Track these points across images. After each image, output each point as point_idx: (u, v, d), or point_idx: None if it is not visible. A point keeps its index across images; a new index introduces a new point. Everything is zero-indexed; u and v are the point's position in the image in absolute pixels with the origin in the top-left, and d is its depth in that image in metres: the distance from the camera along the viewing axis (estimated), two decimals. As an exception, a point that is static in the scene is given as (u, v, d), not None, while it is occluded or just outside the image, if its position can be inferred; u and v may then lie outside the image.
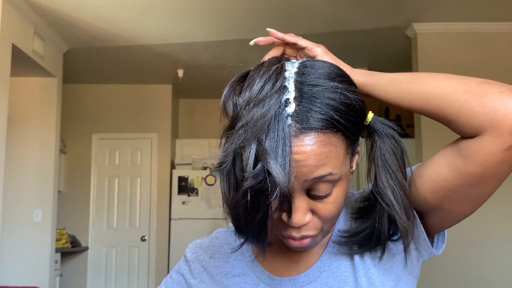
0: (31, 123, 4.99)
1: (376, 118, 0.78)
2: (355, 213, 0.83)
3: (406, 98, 0.75)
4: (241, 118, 0.68)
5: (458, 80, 0.72)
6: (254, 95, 0.69)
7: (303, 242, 0.76)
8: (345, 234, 0.82)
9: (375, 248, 0.81)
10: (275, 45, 0.87)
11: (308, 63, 0.74)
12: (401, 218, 0.74)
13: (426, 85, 0.74)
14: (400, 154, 0.76)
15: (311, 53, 0.83)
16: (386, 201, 0.75)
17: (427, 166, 0.77)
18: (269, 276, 0.85)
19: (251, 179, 0.66)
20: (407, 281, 0.82)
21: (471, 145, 0.70)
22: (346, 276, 0.81)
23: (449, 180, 0.73)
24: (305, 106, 0.68)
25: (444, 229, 0.81)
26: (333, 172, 0.70)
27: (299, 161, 0.68)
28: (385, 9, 4.37)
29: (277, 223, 0.75)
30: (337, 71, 0.74)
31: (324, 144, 0.68)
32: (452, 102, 0.70)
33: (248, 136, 0.67)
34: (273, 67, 0.71)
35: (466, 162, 0.70)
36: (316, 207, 0.73)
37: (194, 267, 0.93)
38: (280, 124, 0.67)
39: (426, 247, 0.81)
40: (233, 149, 0.68)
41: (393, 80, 0.77)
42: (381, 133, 0.77)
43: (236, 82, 0.75)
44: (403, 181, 0.75)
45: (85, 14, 4.46)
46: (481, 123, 0.67)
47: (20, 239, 4.89)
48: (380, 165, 0.76)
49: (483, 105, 0.67)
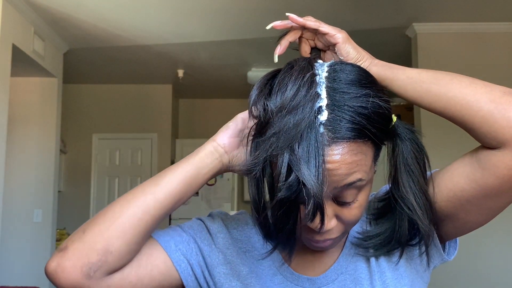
0: (31, 123, 4.99)
1: (400, 122, 0.77)
2: (372, 214, 0.83)
3: (426, 99, 0.74)
4: (273, 125, 0.67)
5: (482, 88, 0.70)
6: (287, 102, 0.67)
7: (325, 244, 0.76)
8: (362, 235, 0.81)
9: (391, 252, 0.80)
10: (293, 29, 0.84)
11: (337, 68, 0.72)
12: (423, 223, 0.74)
13: (448, 88, 0.72)
14: (422, 159, 0.75)
15: (333, 40, 0.80)
16: (408, 205, 0.74)
17: (444, 175, 0.76)
18: (288, 269, 0.84)
19: (285, 190, 0.65)
20: (420, 286, 0.82)
21: (491, 157, 0.69)
22: (362, 278, 0.81)
23: (466, 191, 0.72)
24: (338, 114, 0.67)
25: (457, 236, 0.81)
26: (362, 178, 0.70)
27: (331, 170, 0.67)
28: (385, 9, 4.36)
29: (304, 227, 0.74)
30: (367, 77, 0.72)
31: (356, 153, 0.68)
32: (474, 111, 0.69)
33: (280, 145, 0.65)
34: (306, 74, 0.69)
35: (485, 175, 0.70)
36: (341, 212, 0.73)
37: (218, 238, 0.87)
38: (313, 133, 0.66)
39: (439, 253, 0.81)
40: (265, 157, 0.67)
41: (413, 78, 0.75)
42: (404, 137, 0.76)
43: (265, 85, 0.73)
44: (424, 186, 0.75)
45: (85, 14, 4.46)
46: (504, 137, 0.67)
47: (20, 239, 4.89)
48: (402, 169, 0.75)
49: (506, 119, 0.66)
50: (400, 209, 0.76)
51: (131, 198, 0.75)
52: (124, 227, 0.73)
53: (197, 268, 0.83)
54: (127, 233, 0.73)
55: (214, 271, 0.83)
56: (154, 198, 0.75)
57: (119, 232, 0.73)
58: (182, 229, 0.85)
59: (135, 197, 0.75)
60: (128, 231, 0.73)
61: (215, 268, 0.83)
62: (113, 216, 0.74)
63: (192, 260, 0.82)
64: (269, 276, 0.84)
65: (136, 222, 0.74)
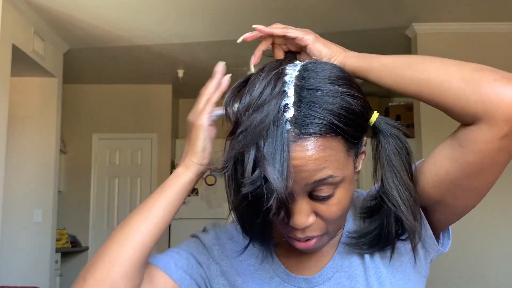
0: (31, 123, 4.99)
1: (382, 118, 0.77)
2: (364, 213, 0.83)
3: (400, 84, 0.75)
4: (241, 123, 0.69)
5: (453, 67, 0.71)
6: (253, 101, 0.69)
7: (308, 244, 0.76)
8: (354, 234, 0.82)
9: (385, 248, 0.80)
10: (263, 38, 0.85)
11: (309, 66, 0.73)
12: (408, 219, 0.74)
13: (420, 71, 0.73)
14: (405, 154, 0.76)
15: (302, 43, 0.81)
16: (393, 202, 0.75)
17: (428, 162, 0.77)
18: (284, 271, 0.85)
19: (249, 185, 0.67)
20: (416, 280, 0.83)
21: (469, 134, 0.70)
22: (357, 275, 0.81)
23: (450, 173, 0.73)
24: (304, 111, 0.68)
25: (450, 224, 0.81)
26: (334, 174, 0.70)
27: (298, 166, 0.68)
28: (385, 9, 4.37)
29: (283, 224, 0.75)
30: (338, 74, 0.73)
31: (324, 148, 0.68)
32: (446, 90, 0.70)
33: (247, 142, 0.67)
34: (273, 72, 0.71)
35: (465, 153, 0.71)
36: (319, 208, 0.73)
37: (213, 250, 0.89)
38: (279, 129, 0.67)
39: (433, 245, 0.81)
40: (234, 155, 0.69)
41: (387, 65, 0.76)
42: (386, 133, 0.76)
43: (237, 87, 0.76)
44: (408, 181, 0.75)
45: (85, 14, 4.46)
46: (476, 111, 0.68)
47: (20, 239, 4.89)
48: (386, 165, 0.76)
49: (477, 94, 0.67)
50: (386, 206, 0.76)
51: (124, 239, 0.77)
52: (126, 268, 0.75)
53: (200, 281, 0.85)
54: (129, 272, 0.75)
55: (213, 282, 0.86)
56: (148, 233, 0.77)
57: (122, 273, 0.75)
58: (179, 248, 0.88)
59: (130, 235, 0.77)
60: (129, 270, 0.75)
61: (214, 279, 0.86)
62: (110, 261, 0.75)
63: (195, 274, 0.85)
64: (266, 280, 0.85)
65: (135, 261, 0.76)
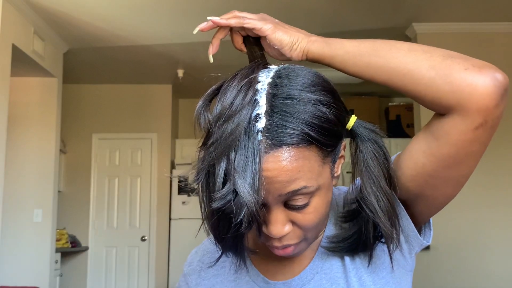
0: (31, 123, 4.99)
1: (360, 122, 0.75)
2: (344, 217, 0.81)
3: (367, 72, 0.72)
4: (212, 134, 0.67)
5: (422, 55, 0.68)
6: (224, 110, 0.66)
7: (286, 251, 0.75)
8: (333, 239, 0.80)
9: (364, 252, 0.79)
10: (220, 27, 0.82)
11: (283, 73, 0.71)
12: (385, 226, 0.72)
13: (387, 58, 0.70)
14: (383, 159, 0.74)
15: (261, 33, 0.78)
16: (370, 208, 0.73)
17: (404, 156, 0.75)
18: (263, 279, 0.84)
19: (219, 200, 0.65)
20: (401, 276, 0.81)
21: (443, 125, 0.68)
22: (338, 277, 0.80)
23: (426, 166, 0.72)
24: (276, 121, 0.66)
25: (431, 215, 0.80)
26: (308, 185, 0.68)
27: (271, 177, 0.66)
28: (385, 9, 4.37)
29: (260, 234, 0.74)
30: (313, 80, 0.70)
31: (296, 159, 0.66)
32: (416, 79, 0.67)
33: (218, 154, 0.65)
34: (244, 79, 0.69)
35: (440, 145, 0.69)
36: (295, 217, 0.72)
37: (191, 279, 0.92)
38: (250, 140, 0.65)
39: (416, 238, 0.79)
40: (205, 167, 0.66)
41: (351, 52, 0.73)
42: (364, 138, 0.74)
43: (209, 95, 0.73)
44: (386, 187, 0.73)
45: (85, 14, 4.46)
46: (448, 102, 0.66)
47: (20, 239, 4.89)
48: (364, 170, 0.73)
49: (448, 84, 0.65)
50: (363, 212, 0.74)
51: None
52: None
53: None
54: None
55: None
56: None
57: None
58: None
59: None
60: None
61: None
62: None
63: None
64: None
65: None
